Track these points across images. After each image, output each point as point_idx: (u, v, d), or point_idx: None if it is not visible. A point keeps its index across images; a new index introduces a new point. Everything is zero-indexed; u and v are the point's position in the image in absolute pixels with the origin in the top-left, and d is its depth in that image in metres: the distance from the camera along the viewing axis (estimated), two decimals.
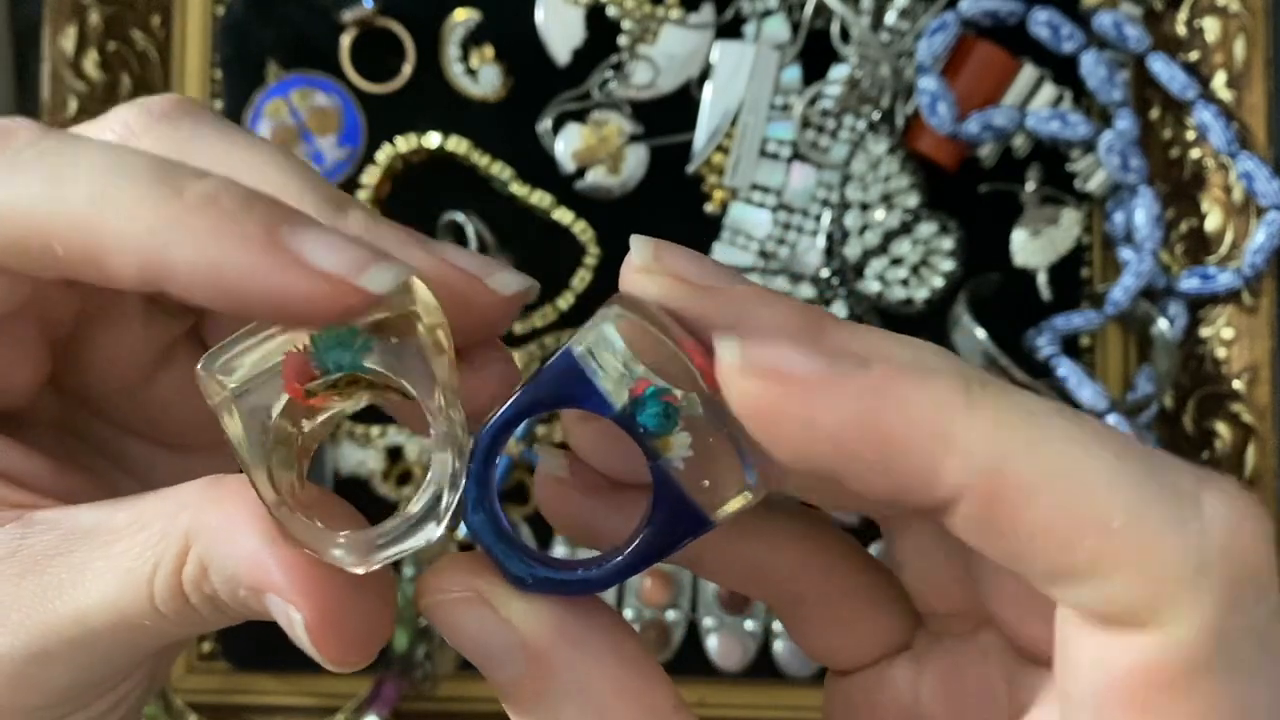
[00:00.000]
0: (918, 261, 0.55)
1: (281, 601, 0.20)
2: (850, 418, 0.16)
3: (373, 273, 0.19)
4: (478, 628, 0.20)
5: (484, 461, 0.20)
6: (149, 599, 0.21)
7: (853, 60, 0.56)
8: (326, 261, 0.19)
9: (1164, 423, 0.56)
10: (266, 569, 0.20)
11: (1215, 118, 0.54)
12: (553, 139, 0.55)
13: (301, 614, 0.20)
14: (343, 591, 0.20)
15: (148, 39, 0.56)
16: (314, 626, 0.20)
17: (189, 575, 0.20)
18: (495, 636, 0.20)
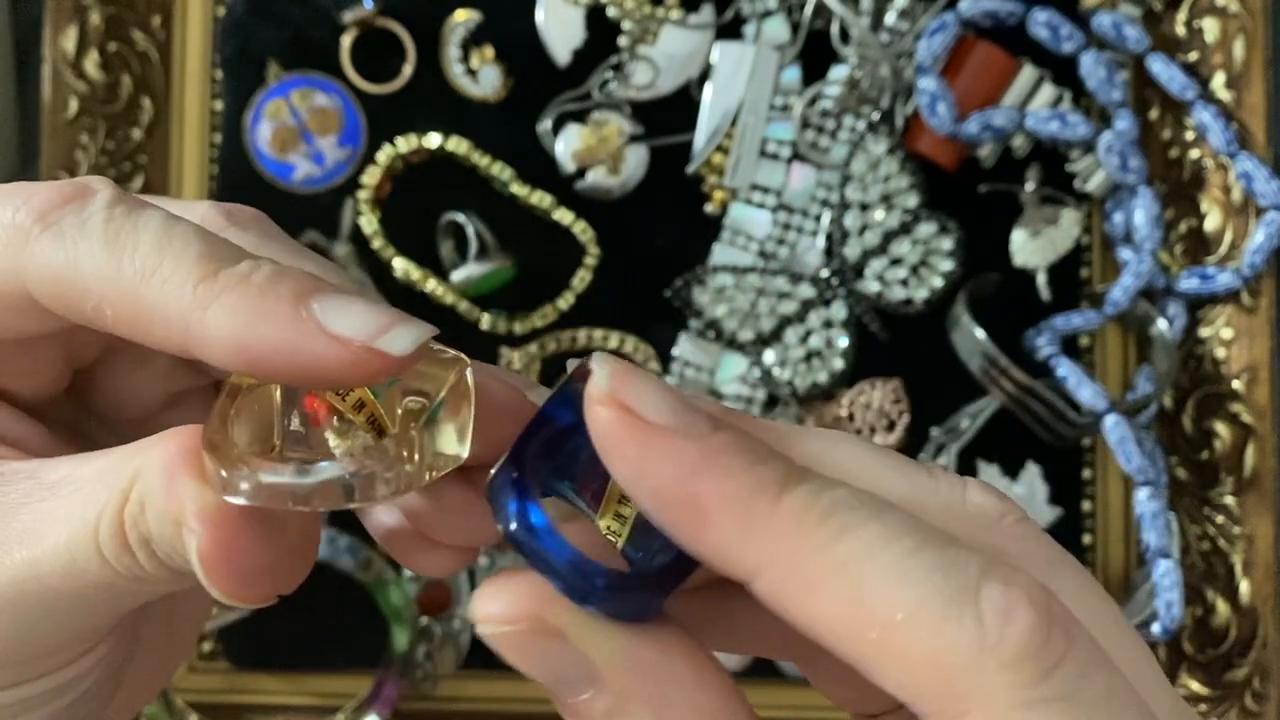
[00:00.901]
0: (917, 262, 0.55)
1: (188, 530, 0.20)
2: (670, 480, 0.18)
3: (392, 335, 0.20)
4: (548, 658, 0.19)
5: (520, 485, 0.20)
6: (95, 542, 0.21)
7: (852, 61, 0.56)
8: (347, 328, 0.20)
9: (1163, 423, 0.56)
10: (178, 494, 0.20)
11: (1214, 118, 0.54)
12: (553, 139, 0.55)
13: (196, 538, 0.20)
14: (246, 525, 0.20)
15: (148, 39, 0.56)
16: (206, 552, 0.20)
17: (129, 514, 0.21)
18: (567, 664, 0.19)
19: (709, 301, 0.55)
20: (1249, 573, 0.54)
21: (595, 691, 0.19)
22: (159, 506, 0.21)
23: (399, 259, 0.54)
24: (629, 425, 0.18)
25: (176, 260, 0.21)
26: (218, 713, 0.55)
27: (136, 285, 0.21)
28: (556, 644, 0.19)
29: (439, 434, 0.21)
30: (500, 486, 0.20)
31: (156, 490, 0.21)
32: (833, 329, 0.55)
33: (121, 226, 0.21)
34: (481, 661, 0.55)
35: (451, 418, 0.21)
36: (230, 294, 0.20)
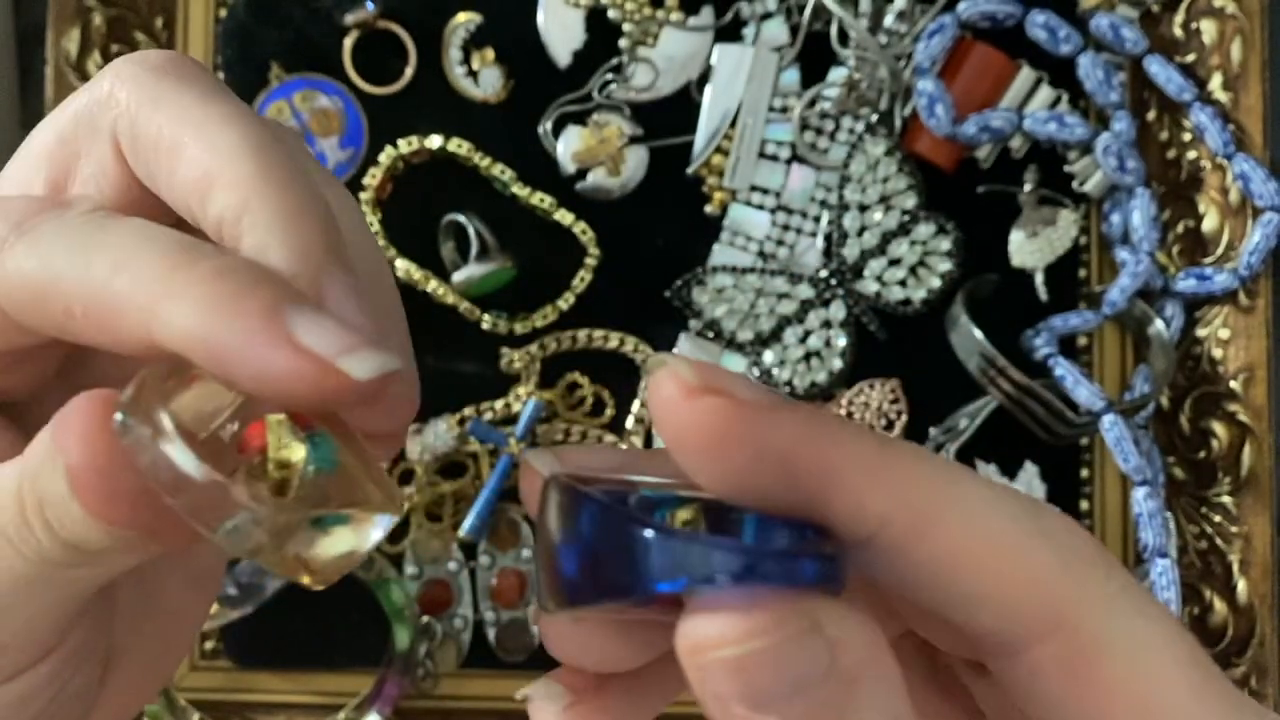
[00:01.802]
0: (916, 262, 0.56)
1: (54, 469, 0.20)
2: (793, 441, 0.18)
3: (357, 359, 0.19)
4: (803, 655, 0.17)
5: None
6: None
7: (851, 62, 0.56)
8: (313, 341, 0.19)
9: (1161, 422, 0.56)
10: (59, 417, 0.20)
11: (1212, 119, 0.55)
12: (553, 140, 0.56)
13: (67, 455, 0.19)
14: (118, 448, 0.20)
15: (151, 41, 0.56)
16: (75, 465, 0.19)
17: (27, 476, 0.20)
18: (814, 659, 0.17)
19: (708, 302, 0.55)
20: (1246, 572, 0.55)
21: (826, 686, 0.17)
22: (44, 456, 0.20)
23: (400, 260, 0.55)
24: (735, 406, 0.18)
25: (148, 255, 0.20)
26: (220, 710, 0.55)
27: (106, 280, 0.20)
28: (819, 641, 0.17)
29: (327, 539, 0.20)
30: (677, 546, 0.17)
31: (43, 445, 0.20)
32: (831, 329, 0.56)
33: (96, 228, 0.21)
34: (482, 660, 0.55)
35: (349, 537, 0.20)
36: (201, 286, 0.19)
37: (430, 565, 0.55)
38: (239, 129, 0.21)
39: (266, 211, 0.21)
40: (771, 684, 0.17)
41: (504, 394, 0.56)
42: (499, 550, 0.56)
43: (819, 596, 0.17)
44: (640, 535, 0.17)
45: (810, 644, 0.17)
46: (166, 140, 0.22)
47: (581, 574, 0.18)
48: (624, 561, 0.17)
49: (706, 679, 0.17)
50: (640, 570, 0.17)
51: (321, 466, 0.20)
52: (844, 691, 0.17)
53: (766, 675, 0.17)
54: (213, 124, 0.21)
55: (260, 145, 0.21)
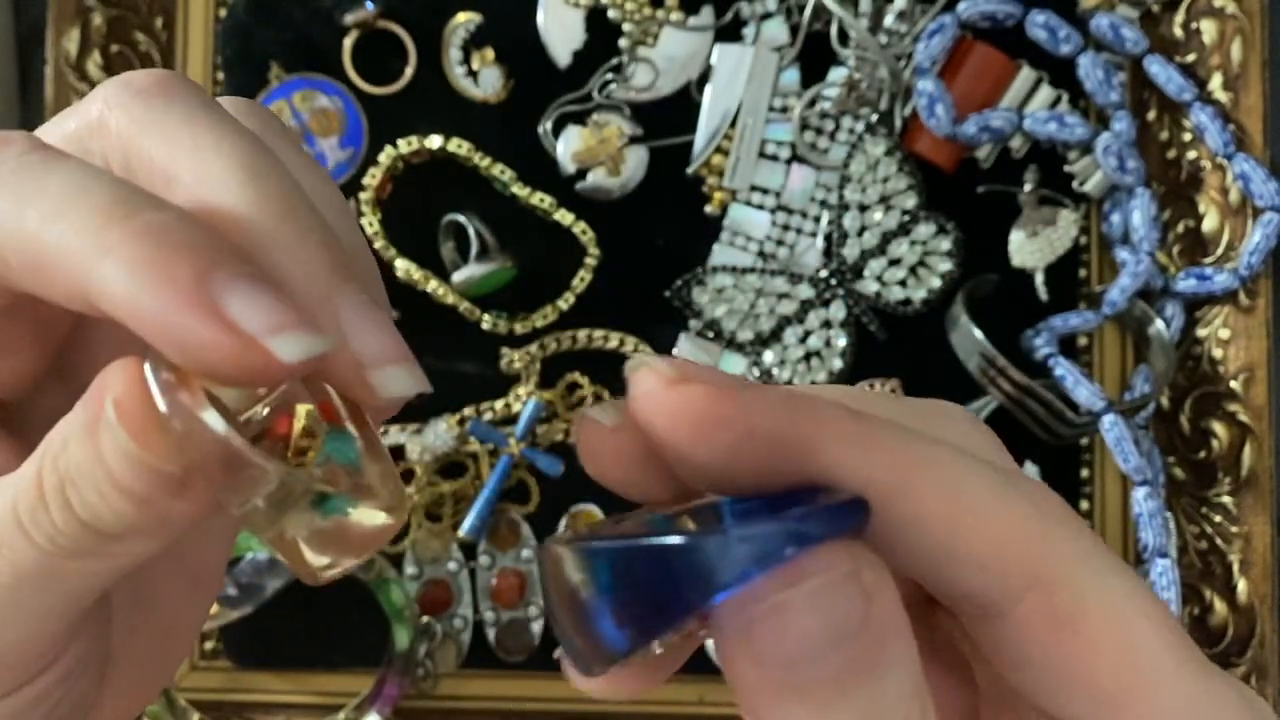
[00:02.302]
0: (916, 262, 0.56)
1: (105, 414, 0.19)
2: (773, 416, 0.18)
3: (286, 339, 0.18)
4: (844, 610, 0.17)
5: None
6: (12, 509, 0.20)
7: (851, 62, 0.56)
8: (241, 315, 0.18)
9: (1161, 422, 0.56)
10: (99, 386, 0.19)
11: (1212, 119, 0.55)
12: (553, 140, 0.56)
13: (113, 391, 0.19)
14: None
15: (150, 41, 0.56)
16: (123, 401, 0.19)
17: (48, 457, 0.20)
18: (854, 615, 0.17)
19: (709, 301, 0.55)
20: (1246, 572, 0.55)
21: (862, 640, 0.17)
22: (80, 420, 0.19)
23: (400, 260, 0.55)
24: (715, 389, 0.18)
25: (83, 205, 0.19)
26: (219, 711, 0.55)
27: (39, 230, 0.19)
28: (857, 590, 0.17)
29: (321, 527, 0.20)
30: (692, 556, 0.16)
31: (78, 414, 0.19)
32: (832, 329, 0.56)
33: (31, 173, 0.20)
34: (482, 660, 0.55)
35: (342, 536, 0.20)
36: (132, 244, 0.18)
37: (430, 565, 0.55)
38: (230, 156, 0.21)
39: (266, 243, 0.20)
40: (815, 631, 0.17)
41: (504, 394, 0.56)
42: (499, 550, 0.56)
43: (856, 542, 0.18)
44: (688, 550, 0.16)
45: (851, 589, 0.17)
46: (160, 172, 0.21)
47: (631, 618, 0.17)
48: (678, 584, 0.16)
49: (754, 633, 0.17)
50: (701, 583, 0.16)
51: (337, 457, 0.20)
52: (875, 649, 0.17)
53: (811, 621, 0.17)
54: (204, 152, 0.21)
55: (254, 171, 0.21)
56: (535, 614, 0.56)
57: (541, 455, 0.55)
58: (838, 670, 0.17)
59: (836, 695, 0.17)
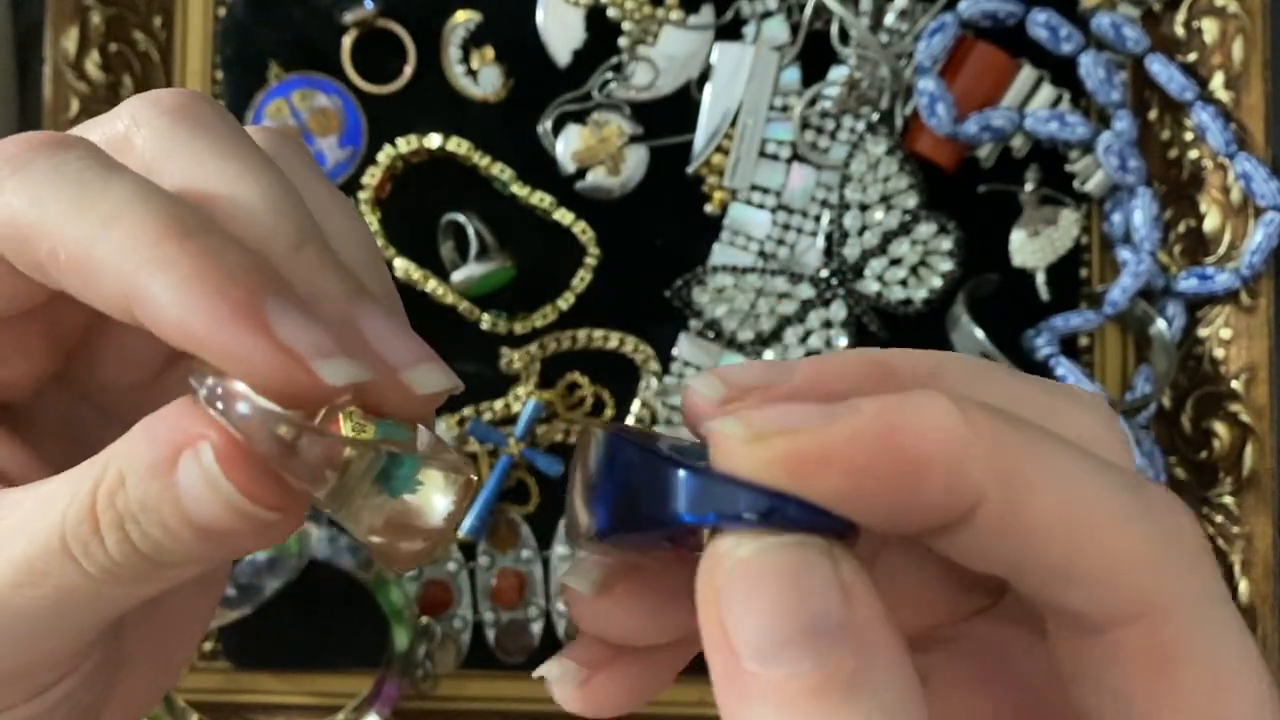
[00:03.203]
0: (917, 262, 0.55)
1: (191, 454, 0.19)
2: (875, 447, 0.17)
3: (331, 364, 0.19)
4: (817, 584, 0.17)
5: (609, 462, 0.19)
6: (59, 536, 0.20)
7: (852, 61, 0.56)
8: (291, 337, 0.19)
9: (1162, 423, 0.56)
10: (180, 424, 0.20)
11: (1213, 118, 0.55)
12: (553, 140, 0.56)
13: (210, 439, 0.19)
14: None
15: (149, 40, 0.56)
16: (221, 445, 0.19)
17: (104, 491, 0.20)
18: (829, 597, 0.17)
19: (709, 301, 0.55)
20: (1248, 572, 0.54)
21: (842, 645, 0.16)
22: (147, 460, 0.20)
23: (400, 259, 0.54)
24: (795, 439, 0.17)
25: (143, 214, 0.19)
26: (218, 712, 0.55)
27: (95, 230, 0.19)
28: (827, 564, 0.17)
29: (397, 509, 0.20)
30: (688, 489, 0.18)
31: (141, 448, 0.20)
32: (832, 329, 0.56)
33: (95, 175, 0.20)
34: (481, 661, 0.55)
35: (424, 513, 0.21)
36: (187, 260, 0.19)
37: (429, 566, 0.55)
38: (254, 186, 0.21)
39: (287, 267, 0.21)
40: (787, 614, 0.16)
41: (504, 394, 0.55)
42: (498, 551, 0.56)
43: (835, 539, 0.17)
44: (674, 473, 0.18)
45: (824, 573, 0.17)
46: (181, 194, 0.21)
47: (617, 507, 0.19)
48: (658, 497, 0.18)
49: (723, 601, 0.17)
50: (672, 504, 0.18)
51: (390, 434, 0.21)
52: (858, 659, 0.16)
53: (782, 597, 0.17)
54: (228, 179, 0.21)
55: (276, 201, 0.21)
56: (535, 615, 0.55)
57: (541, 455, 0.55)
58: (814, 674, 0.16)
59: (812, 703, 0.16)
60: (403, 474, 0.20)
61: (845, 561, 0.17)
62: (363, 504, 0.20)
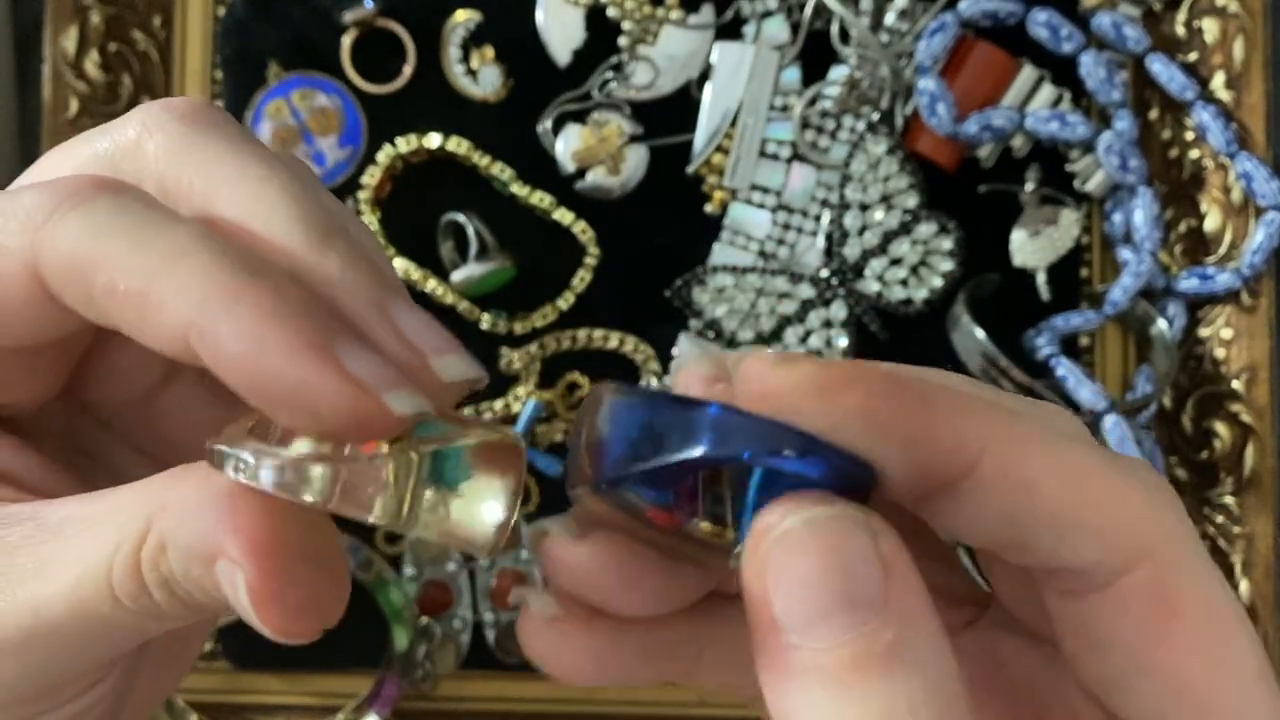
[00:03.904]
0: (917, 262, 0.55)
1: (228, 567, 0.20)
2: (893, 381, 0.19)
3: (399, 395, 0.20)
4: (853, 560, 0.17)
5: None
6: (107, 584, 0.20)
7: (852, 61, 0.56)
8: (362, 372, 0.20)
9: (1163, 423, 0.56)
10: (218, 532, 0.20)
11: (1214, 118, 0.54)
12: (553, 139, 0.55)
13: (245, 572, 0.20)
14: (291, 558, 0.20)
15: (149, 39, 0.56)
16: (255, 586, 0.20)
17: (147, 554, 0.20)
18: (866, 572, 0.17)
19: (709, 301, 0.55)
20: (1249, 573, 0.54)
21: (880, 617, 0.17)
22: (186, 544, 0.20)
23: (399, 259, 0.54)
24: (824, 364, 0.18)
25: (210, 253, 0.20)
26: (218, 712, 0.55)
27: (160, 264, 0.20)
28: (867, 544, 0.17)
29: (458, 500, 0.21)
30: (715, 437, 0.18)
31: (183, 530, 0.20)
32: (832, 329, 0.55)
33: (159, 216, 0.20)
34: (481, 662, 0.55)
35: (484, 494, 0.21)
36: (257, 296, 0.19)
37: (429, 566, 0.55)
38: (278, 186, 0.22)
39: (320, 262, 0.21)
40: (828, 586, 0.17)
41: (504, 394, 0.55)
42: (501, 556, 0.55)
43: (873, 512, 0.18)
44: (703, 410, 0.18)
45: (865, 547, 0.17)
46: (199, 197, 0.22)
47: (636, 448, 0.19)
48: (683, 435, 0.18)
49: (767, 573, 0.17)
50: (697, 440, 0.18)
51: (425, 433, 0.21)
52: (900, 633, 0.17)
53: (824, 569, 0.17)
54: (249, 181, 0.22)
55: (299, 199, 0.22)
56: None
57: (541, 455, 0.55)
58: (853, 646, 0.17)
59: (853, 675, 0.17)
60: (451, 466, 0.21)
61: (885, 536, 0.18)
62: (426, 512, 0.20)
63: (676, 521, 0.19)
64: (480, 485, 0.21)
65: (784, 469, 0.18)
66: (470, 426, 0.21)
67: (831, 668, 0.17)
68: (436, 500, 0.20)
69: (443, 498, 0.20)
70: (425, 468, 0.20)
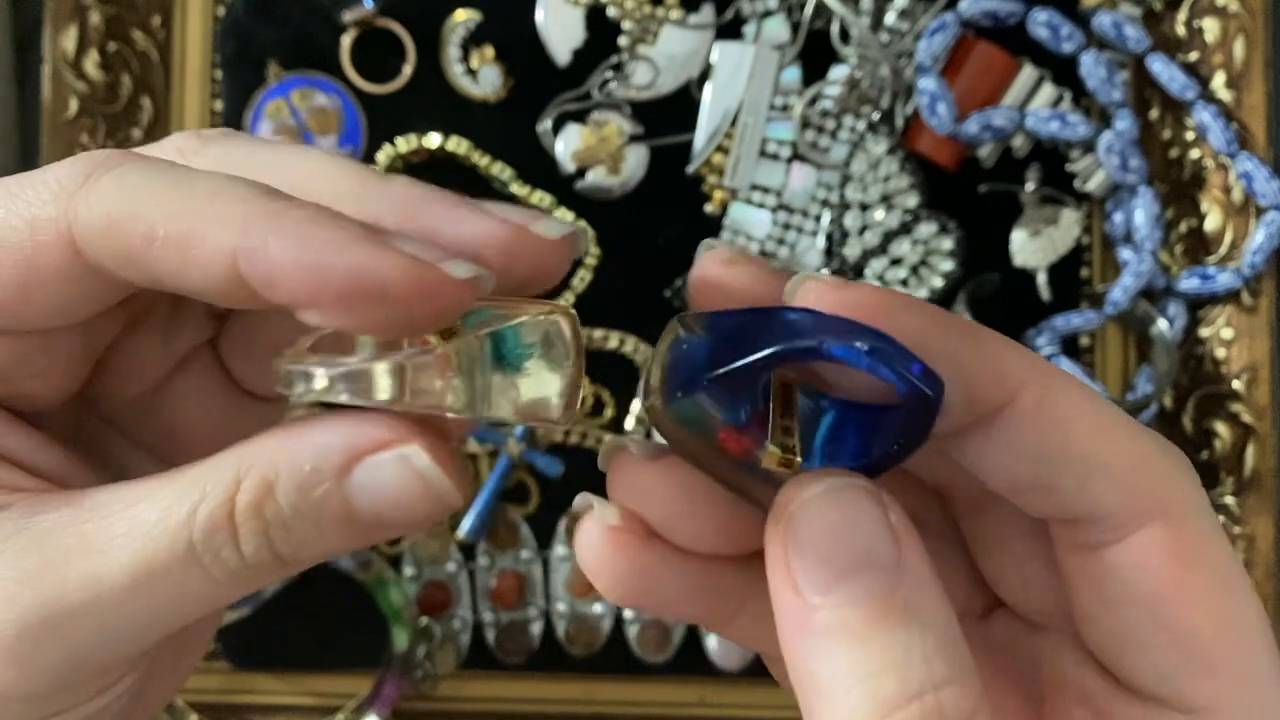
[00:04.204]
0: (917, 262, 0.55)
1: (386, 458, 0.20)
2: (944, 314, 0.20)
3: (455, 264, 0.20)
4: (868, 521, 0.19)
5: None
6: (185, 541, 0.20)
7: (852, 61, 0.56)
8: (420, 252, 0.20)
9: (1163, 423, 0.56)
10: (368, 430, 0.20)
11: (1214, 118, 0.54)
12: (553, 139, 0.55)
13: (417, 444, 0.20)
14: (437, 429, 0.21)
15: (148, 39, 0.56)
16: (434, 448, 0.20)
17: (246, 501, 0.20)
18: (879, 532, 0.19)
19: None
20: (1249, 573, 0.54)
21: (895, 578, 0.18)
22: (310, 468, 0.20)
23: None
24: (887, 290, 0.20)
25: (243, 189, 0.20)
26: (217, 713, 0.55)
27: (197, 205, 0.20)
28: (876, 510, 0.19)
29: (526, 379, 0.21)
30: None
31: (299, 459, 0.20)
32: None
33: (185, 170, 0.21)
34: (481, 662, 0.55)
35: (547, 367, 0.21)
36: (298, 212, 0.20)
37: (429, 566, 0.55)
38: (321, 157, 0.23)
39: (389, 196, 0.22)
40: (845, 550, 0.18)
41: None
42: (498, 551, 0.55)
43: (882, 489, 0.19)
44: (782, 311, 0.20)
45: (877, 516, 0.19)
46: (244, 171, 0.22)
47: (712, 353, 0.19)
48: (767, 331, 0.19)
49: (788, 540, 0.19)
50: (779, 336, 0.19)
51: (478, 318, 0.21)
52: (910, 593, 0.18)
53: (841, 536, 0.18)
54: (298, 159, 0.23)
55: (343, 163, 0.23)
56: (535, 615, 0.55)
57: (541, 456, 0.55)
58: (871, 601, 0.18)
59: (870, 629, 0.18)
60: (512, 346, 0.21)
61: (893, 508, 0.19)
62: (497, 395, 0.21)
63: (747, 445, 0.20)
64: (543, 359, 0.21)
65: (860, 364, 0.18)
66: (521, 305, 0.22)
67: (851, 624, 0.18)
68: (505, 382, 0.21)
69: (510, 378, 0.21)
70: (486, 350, 0.21)
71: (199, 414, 0.26)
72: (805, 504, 0.19)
